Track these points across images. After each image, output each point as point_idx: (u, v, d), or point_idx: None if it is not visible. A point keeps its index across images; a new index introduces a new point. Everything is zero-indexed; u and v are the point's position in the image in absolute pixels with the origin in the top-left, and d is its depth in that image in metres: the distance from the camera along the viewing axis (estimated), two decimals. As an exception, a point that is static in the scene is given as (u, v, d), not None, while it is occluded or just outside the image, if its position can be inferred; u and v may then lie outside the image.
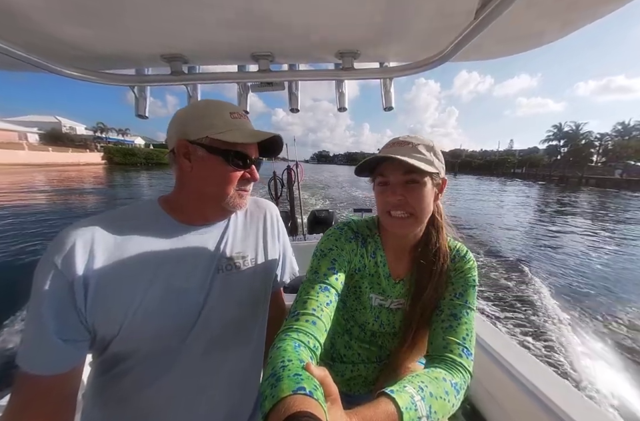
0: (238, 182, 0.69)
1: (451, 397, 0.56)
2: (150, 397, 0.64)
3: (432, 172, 0.68)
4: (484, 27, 0.61)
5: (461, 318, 0.69)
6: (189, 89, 1.06)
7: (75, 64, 0.88)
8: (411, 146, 0.70)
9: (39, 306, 0.53)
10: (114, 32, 0.76)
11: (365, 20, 0.72)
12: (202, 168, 0.66)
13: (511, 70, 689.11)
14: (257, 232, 0.82)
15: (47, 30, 0.73)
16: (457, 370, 0.62)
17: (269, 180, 3.68)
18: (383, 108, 1.07)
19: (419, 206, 0.69)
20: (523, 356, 1.06)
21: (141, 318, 0.60)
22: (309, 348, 0.55)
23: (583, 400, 0.86)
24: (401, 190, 0.69)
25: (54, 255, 0.55)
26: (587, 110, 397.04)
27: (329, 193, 19.27)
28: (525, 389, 0.92)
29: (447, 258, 0.76)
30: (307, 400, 0.39)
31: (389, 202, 0.71)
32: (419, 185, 0.69)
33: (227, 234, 0.75)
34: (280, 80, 1.01)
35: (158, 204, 0.70)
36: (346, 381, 0.89)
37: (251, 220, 0.83)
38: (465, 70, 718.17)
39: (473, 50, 0.83)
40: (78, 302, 0.55)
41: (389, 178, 0.71)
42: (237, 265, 0.74)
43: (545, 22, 0.74)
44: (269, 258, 0.82)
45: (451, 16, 0.70)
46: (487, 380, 1.09)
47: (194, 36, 0.79)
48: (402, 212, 0.70)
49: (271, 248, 0.84)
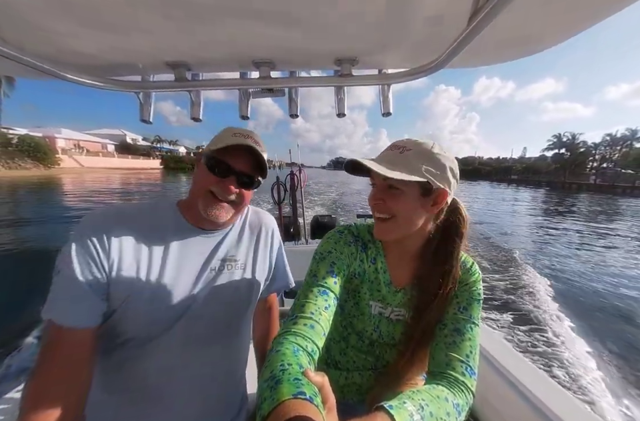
0: (213, 188, 0.72)
1: (452, 419, 0.54)
2: (139, 374, 0.71)
3: (412, 180, 0.63)
4: (477, 33, 0.62)
5: (465, 334, 0.66)
6: (191, 95, 1.09)
7: (83, 71, 0.92)
8: (399, 152, 0.68)
9: (69, 263, 0.62)
10: (121, 42, 0.79)
11: (362, 27, 0.74)
12: (196, 173, 0.77)
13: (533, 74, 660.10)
14: (250, 240, 0.88)
15: (58, 39, 0.76)
16: (459, 389, 0.59)
17: (272, 185, 3.71)
18: (381, 114, 1.08)
19: (397, 209, 0.68)
20: (534, 373, 1.01)
21: (136, 301, 0.67)
22: (307, 353, 0.54)
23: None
24: (380, 194, 0.70)
25: (84, 229, 0.66)
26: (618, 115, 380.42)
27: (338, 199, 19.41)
28: (536, 408, 0.88)
29: (456, 281, 0.73)
30: (306, 405, 0.39)
31: (371, 203, 0.74)
32: (400, 192, 0.67)
33: (226, 239, 0.83)
34: (280, 86, 1.04)
35: (176, 204, 0.80)
36: (340, 388, 0.88)
37: (248, 229, 0.89)
38: (485, 76, 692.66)
39: (469, 56, 0.84)
40: (102, 263, 0.64)
41: (374, 180, 0.73)
42: (228, 267, 0.81)
43: (541, 27, 0.74)
44: (257, 265, 0.88)
45: (445, 23, 0.71)
46: (493, 396, 1.04)
47: (197, 45, 0.82)
48: (381, 214, 0.71)
49: (261, 257, 0.89)
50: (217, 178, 0.72)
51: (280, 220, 3.66)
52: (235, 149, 0.70)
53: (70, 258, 0.62)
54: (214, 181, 0.72)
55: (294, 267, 1.01)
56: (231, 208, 0.75)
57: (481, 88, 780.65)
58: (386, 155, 0.70)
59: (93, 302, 0.63)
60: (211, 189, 0.72)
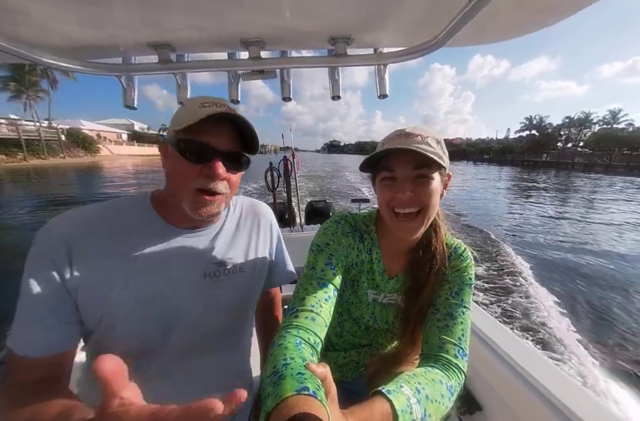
0: (197, 181, 0.59)
1: (445, 400, 0.56)
2: None
3: (444, 166, 0.65)
4: (477, 11, 0.59)
5: (457, 318, 0.68)
6: (177, 78, 1.03)
7: (59, 53, 0.85)
8: (420, 139, 0.64)
9: (31, 289, 0.53)
10: (98, 21, 0.73)
11: (357, 4, 0.69)
12: (168, 165, 0.62)
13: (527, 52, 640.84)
14: (248, 238, 0.79)
15: (27, 17, 0.70)
16: (452, 371, 0.62)
17: (265, 171, 3.65)
18: (377, 96, 1.05)
19: (428, 199, 0.65)
20: (521, 346, 1.07)
21: (115, 320, 0.59)
22: (309, 345, 0.55)
23: (583, 392, 0.85)
24: (411, 186, 0.65)
25: (42, 244, 0.56)
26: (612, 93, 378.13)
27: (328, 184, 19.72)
28: (523, 379, 0.93)
29: (444, 260, 0.75)
30: (310, 400, 0.39)
31: (398, 199, 0.66)
32: (429, 180, 0.65)
33: (218, 239, 0.72)
34: (271, 67, 0.98)
35: (149, 201, 0.67)
36: (339, 368, 0.92)
37: (244, 225, 0.80)
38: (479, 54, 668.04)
39: (468, 34, 0.80)
40: (64, 284, 0.55)
41: (395, 173, 0.66)
42: (226, 272, 0.71)
43: (540, 6, 0.71)
44: (258, 266, 0.80)
45: (444, 1, 0.67)
46: (484, 369, 1.11)
47: (181, 23, 0.76)
48: (410, 208, 0.66)
49: (262, 255, 0.82)
50: (197, 166, 0.58)
51: (274, 207, 3.64)
52: (210, 123, 0.55)
53: (27, 279, 0.53)
54: (195, 173, 0.58)
55: (290, 254, 0.99)
56: (222, 199, 0.63)
57: (475, 66, 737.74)
58: (408, 142, 0.64)
59: (58, 328, 0.55)
60: (196, 185, 0.59)
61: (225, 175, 0.60)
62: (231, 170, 0.62)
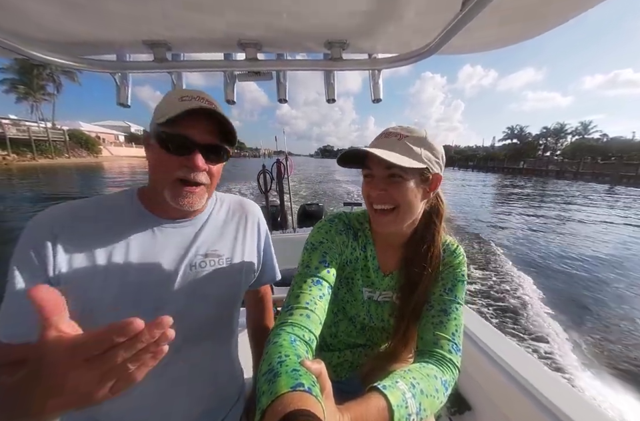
0: (178, 172, 0.61)
1: (440, 394, 0.57)
2: None
3: (415, 167, 0.64)
4: (468, 20, 0.61)
5: (451, 314, 0.69)
6: (173, 78, 1.03)
7: (53, 49, 0.84)
8: (397, 139, 0.67)
9: (16, 279, 0.55)
10: (94, 17, 0.73)
11: (354, 9, 0.71)
12: (150, 157, 0.65)
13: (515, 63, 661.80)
14: (236, 232, 0.80)
15: (22, 13, 0.69)
16: (446, 366, 0.63)
17: (258, 174, 3.64)
18: (371, 101, 1.07)
19: (401, 198, 0.67)
20: (510, 346, 1.09)
21: (96, 310, 0.59)
22: (304, 342, 0.55)
23: (571, 391, 0.87)
24: (382, 185, 0.68)
25: (29, 235, 0.58)
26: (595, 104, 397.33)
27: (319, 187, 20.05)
28: (512, 379, 0.95)
29: (439, 261, 0.75)
30: (305, 396, 0.39)
31: (371, 195, 0.70)
32: (402, 180, 0.66)
33: (204, 230, 0.73)
34: (267, 69, 1.00)
35: (136, 194, 0.70)
36: (333, 368, 0.91)
37: (231, 220, 0.81)
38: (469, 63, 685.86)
39: (461, 42, 0.84)
40: (51, 277, 0.57)
41: (372, 171, 0.69)
42: (212, 263, 0.72)
43: (533, 15, 0.74)
44: (245, 260, 0.80)
45: (438, 8, 0.70)
46: (474, 369, 1.12)
47: (178, 21, 0.76)
48: (384, 205, 0.69)
49: (249, 250, 0.82)
50: (177, 157, 0.60)
51: (266, 209, 3.62)
52: (189, 116, 0.57)
53: (12, 269, 0.56)
54: (176, 164, 0.60)
55: (282, 256, 0.99)
56: (204, 189, 0.65)
57: (465, 75, 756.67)
58: (383, 142, 0.67)
59: None
60: (177, 175, 0.61)
61: (204, 166, 0.62)
62: (211, 161, 0.64)
